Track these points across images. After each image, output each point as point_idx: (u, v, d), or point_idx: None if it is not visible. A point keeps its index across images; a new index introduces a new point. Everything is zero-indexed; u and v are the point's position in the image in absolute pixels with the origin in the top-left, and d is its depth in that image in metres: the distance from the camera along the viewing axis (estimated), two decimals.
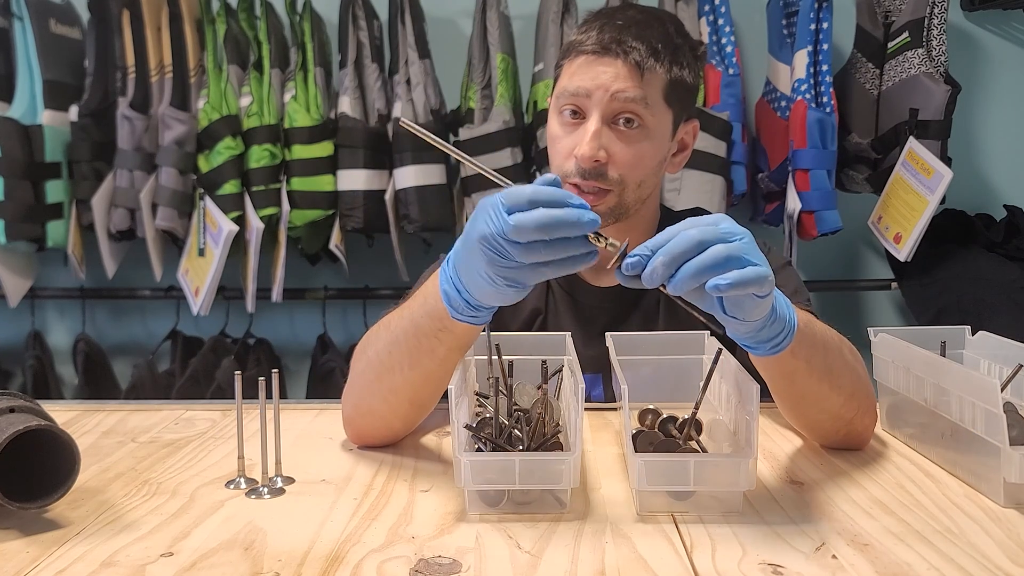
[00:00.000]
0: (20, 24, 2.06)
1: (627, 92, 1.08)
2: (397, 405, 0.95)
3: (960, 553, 0.71)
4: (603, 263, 0.78)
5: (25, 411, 0.79)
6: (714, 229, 0.72)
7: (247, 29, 2.10)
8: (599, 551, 0.72)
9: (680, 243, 0.71)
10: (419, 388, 0.93)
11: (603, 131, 1.09)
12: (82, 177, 2.07)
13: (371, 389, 0.96)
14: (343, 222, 2.06)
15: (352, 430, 1.00)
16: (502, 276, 0.75)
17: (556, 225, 0.71)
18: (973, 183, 2.25)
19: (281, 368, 2.30)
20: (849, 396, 0.92)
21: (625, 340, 1.03)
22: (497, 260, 0.74)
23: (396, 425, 0.99)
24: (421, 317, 0.88)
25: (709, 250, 0.71)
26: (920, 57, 1.92)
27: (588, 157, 1.08)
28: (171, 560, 0.71)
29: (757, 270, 0.71)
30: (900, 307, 2.32)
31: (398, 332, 0.91)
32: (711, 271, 0.71)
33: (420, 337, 0.88)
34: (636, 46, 1.08)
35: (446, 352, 0.88)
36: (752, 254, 0.73)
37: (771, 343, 0.82)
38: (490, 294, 0.78)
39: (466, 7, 2.14)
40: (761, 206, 2.15)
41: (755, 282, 0.71)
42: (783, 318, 0.81)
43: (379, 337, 0.96)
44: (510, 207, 0.72)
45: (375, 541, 0.74)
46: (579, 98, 1.10)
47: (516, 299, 0.79)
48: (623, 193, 1.12)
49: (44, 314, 2.42)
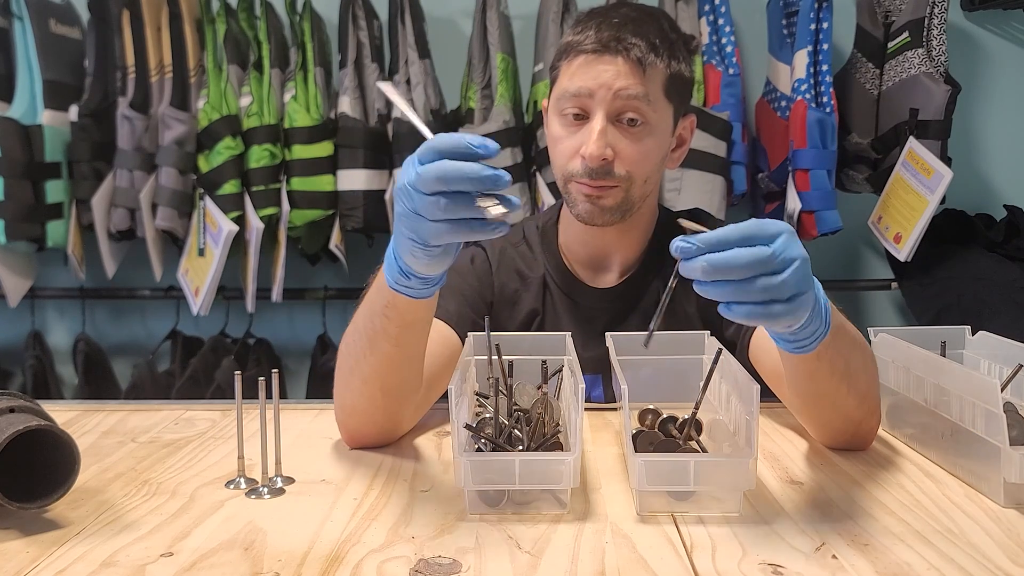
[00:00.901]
0: (20, 24, 2.06)
1: (630, 89, 1.08)
2: (371, 396, 0.95)
3: (960, 553, 0.71)
4: (598, 265, 0.78)
5: (25, 411, 0.79)
6: (768, 256, 0.70)
7: (247, 29, 2.10)
8: (599, 551, 0.72)
9: (730, 260, 0.69)
10: (384, 374, 0.93)
11: (608, 129, 1.09)
12: (82, 177, 2.07)
13: (348, 385, 0.96)
14: (343, 222, 2.06)
15: (344, 431, 1.00)
16: (410, 230, 0.75)
17: (456, 177, 0.70)
18: (973, 183, 2.25)
19: (281, 368, 2.30)
20: (863, 398, 0.92)
21: (625, 340, 1.03)
22: (406, 212, 0.75)
23: (379, 419, 0.98)
24: (374, 296, 0.89)
25: (754, 282, 0.70)
26: (920, 57, 1.92)
27: (596, 156, 1.08)
28: (171, 560, 0.71)
29: (787, 309, 0.72)
30: (900, 307, 2.32)
31: (358, 318, 0.93)
32: (745, 296, 0.71)
33: (373, 317, 0.89)
34: (636, 43, 1.08)
35: (397, 331, 0.88)
36: (801, 284, 0.72)
37: (798, 343, 0.82)
38: (412, 256, 0.79)
39: (466, 7, 2.14)
40: (761, 206, 2.15)
41: (783, 320, 0.73)
42: (817, 321, 0.80)
43: (348, 331, 0.97)
44: (421, 157, 0.73)
45: (375, 541, 0.74)
46: (582, 98, 1.10)
47: (434, 265, 0.79)
48: (630, 188, 1.12)
49: (44, 314, 2.42)
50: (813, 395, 0.93)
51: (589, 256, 1.23)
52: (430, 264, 0.79)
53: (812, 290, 0.75)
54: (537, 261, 1.24)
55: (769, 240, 0.71)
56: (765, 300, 0.71)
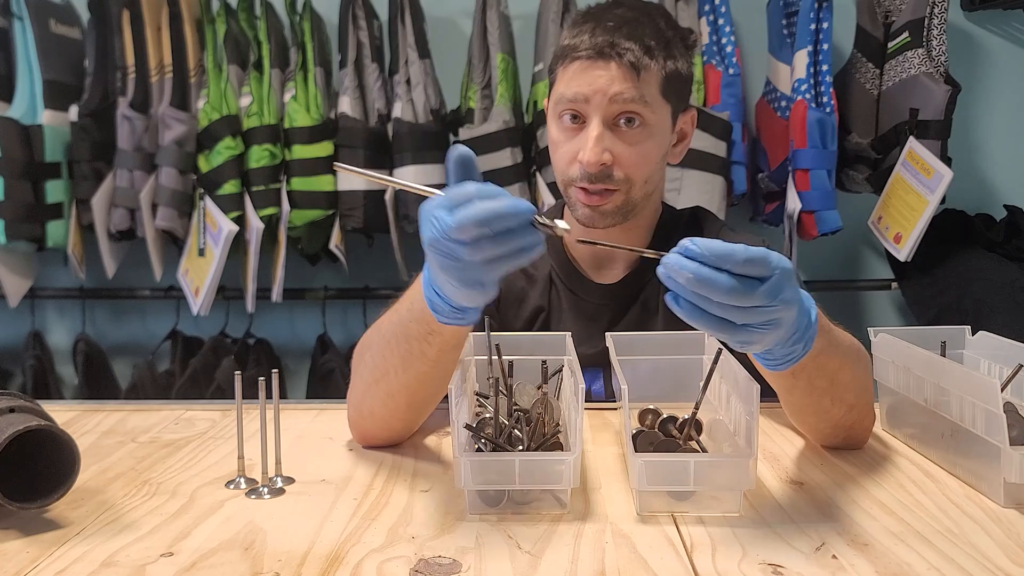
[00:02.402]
0: (20, 24, 2.06)
1: (625, 94, 1.08)
2: (395, 408, 0.96)
3: (960, 553, 0.71)
4: (602, 262, 0.77)
5: (25, 411, 0.79)
6: (745, 296, 0.69)
7: (247, 29, 2.10)
8: (599, 551, 0.72)
9: (714, 283, 0.69)
10: (415, 390, 0.93)
11: (605, 134, 1.09)
12: (82, 177, 2.07)
13: (370, 393, 0.96)
14: (343, 222, 2.06)
15: (356, 432, 1.01)
16: (458, 279, 0.74)
17: (496, 217, 0.69)
18: (973, 183, 2.25)
19: (281, 368, 2.30)
20: (850, 408, 0.92)
21: (625, 340, 1.03)
22: (448, 263, 0.73)
23: (396, 426, 0.99)
24: (409, 322, 0.88)
25: (725, 312, 0.70)
26: (920, 57, 1.92)
27: (594, 163, 1.09)
28: (171, 560, 0.71)
29: (736, 338, 0.72)
30: (900, 307, 2.32)
31: (389, 337, 0.92)
32: (701, 303, 0.71)
33: (410, 341, 0.88)
34: (630, 47, 1.08)
35: (437, 354, 0.88)
36: (765, 326, 0.72)
37: (769, 361, 0.82)
38: (462, 296, 0.78)
39: (466, 7, 2.14)
40: (761, 206, 2.15)
41: (730, 340, 0.73)
42: (791, 347, 0.80)
43: (373, 341, 0.96)
44: (450, 207, 0.71)
45: (375, 541, 0.74)
46: (578, 103, 1.10)
47: (487, 296, 0.77)
48: (630, 191, 1.13)
49: (44, 314, 2.42)
50: (795, 406, 0.94)
51: (593, 253, 1.23)
52: (486, 295, 0.77)
53: (778, 329, 0.74)
54: (543, 259, 1.24)
55: (762, 278, 0.70)
56: (719, 316, 0.71)
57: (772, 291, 0.70)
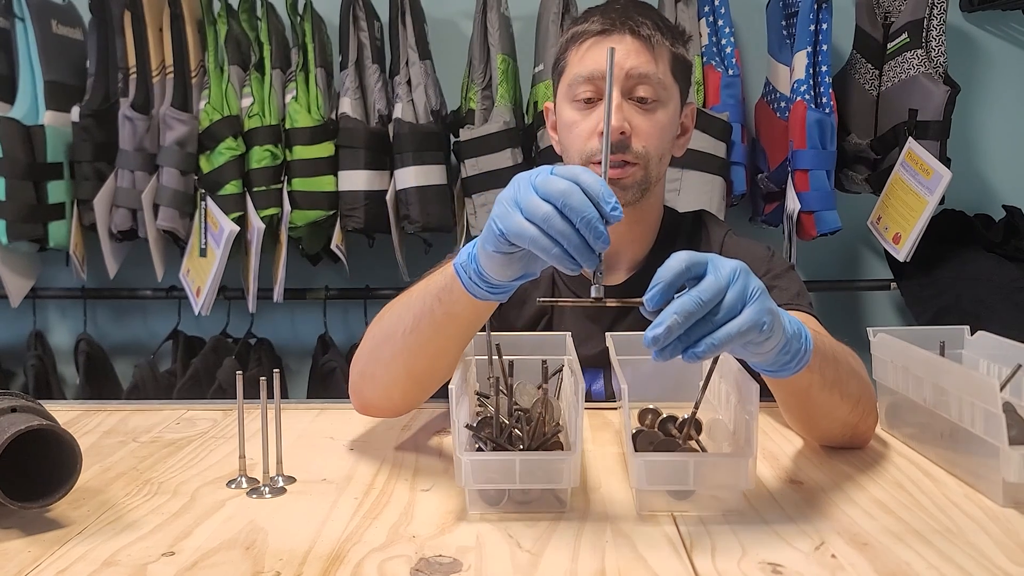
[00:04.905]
0: (22, 25, 2.06)
1: (640, 68, 1.11)
2: (395, 373, 0.96)
3: (959, 552, 0.72)
4: (607, 263, 0.78)
5: (27, 411, 0.80)
6: (696, 303, 0.70)
7: (248, 30, 2.10)
8: (599, 551, 0.72)
9: (689, 311, 0.70)
10: (416, 355, 0.93)
11: (624, 104, 1.12)
12: (84, 177, 2.07)
13: (376, 351, 0.97)
14: (344, 222, 2.06)
15: (356, 397, 1.01)
16: (500, 216, 0.74)
17: (574, 204, 0.69)
18: (972, 183, 2.25)
19: (282, 368, 2.30)
20: (856, 402, 0.93)
21: (625, 340, 1.04)
22: (507, 199, 0.73)
23: (395, 396, 0.99)
24: (436, 277, 0.88)
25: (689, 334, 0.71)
26: (919, 58, 1.92)
27: (616, 128, 1.10)
28: (172, 560, 0.71)
29: (730, 331, 0.71)
30: (899, 307, 2.32)
31: (413, 292, 0.92)
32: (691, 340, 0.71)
33: (427, 296, 0.88)
34: (643, 21, 1.12)
35: (443, 318, 0.87)
36: (731, 310, 0.72)
37: (788, 366, 0.81)
38: (485, 255, 0.77)
39: (467, 8, 2.14)
40: (761, 206, 2.15)
41: (728, 343, 0.72)
42: (796, 338, 0.80)
43: (395, 302, 0.97)
44: (557, 170, 0.72)
45: (376, 540, 0.74)
46: (595, 80, 1.12)
47: (503, 268, 0.77)
48: (648, 166, 1.14)
49: (46, 314, 2.42)
50: (809, 409, 0.94)
51: None
52: (503, 265, 0.77)
53: (774, 331, 0.74)
54: None
55: (700, 275, 0.72)
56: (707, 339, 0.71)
57: (716, 273, 0.72)
